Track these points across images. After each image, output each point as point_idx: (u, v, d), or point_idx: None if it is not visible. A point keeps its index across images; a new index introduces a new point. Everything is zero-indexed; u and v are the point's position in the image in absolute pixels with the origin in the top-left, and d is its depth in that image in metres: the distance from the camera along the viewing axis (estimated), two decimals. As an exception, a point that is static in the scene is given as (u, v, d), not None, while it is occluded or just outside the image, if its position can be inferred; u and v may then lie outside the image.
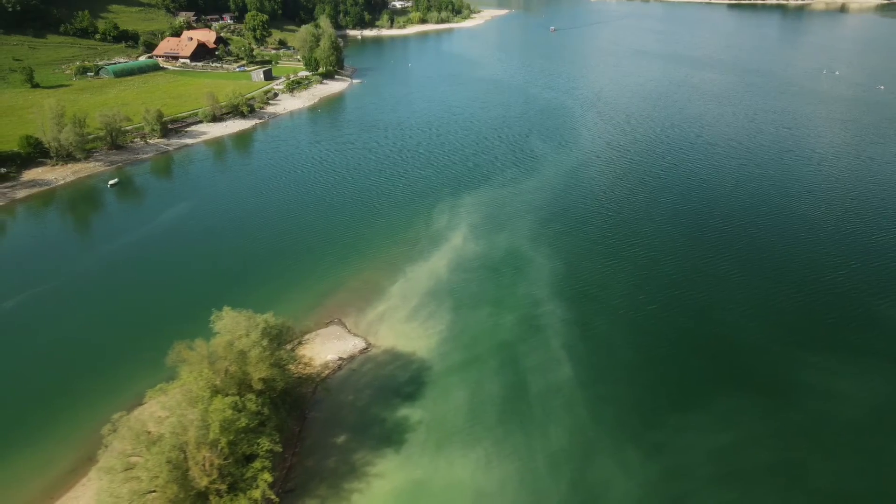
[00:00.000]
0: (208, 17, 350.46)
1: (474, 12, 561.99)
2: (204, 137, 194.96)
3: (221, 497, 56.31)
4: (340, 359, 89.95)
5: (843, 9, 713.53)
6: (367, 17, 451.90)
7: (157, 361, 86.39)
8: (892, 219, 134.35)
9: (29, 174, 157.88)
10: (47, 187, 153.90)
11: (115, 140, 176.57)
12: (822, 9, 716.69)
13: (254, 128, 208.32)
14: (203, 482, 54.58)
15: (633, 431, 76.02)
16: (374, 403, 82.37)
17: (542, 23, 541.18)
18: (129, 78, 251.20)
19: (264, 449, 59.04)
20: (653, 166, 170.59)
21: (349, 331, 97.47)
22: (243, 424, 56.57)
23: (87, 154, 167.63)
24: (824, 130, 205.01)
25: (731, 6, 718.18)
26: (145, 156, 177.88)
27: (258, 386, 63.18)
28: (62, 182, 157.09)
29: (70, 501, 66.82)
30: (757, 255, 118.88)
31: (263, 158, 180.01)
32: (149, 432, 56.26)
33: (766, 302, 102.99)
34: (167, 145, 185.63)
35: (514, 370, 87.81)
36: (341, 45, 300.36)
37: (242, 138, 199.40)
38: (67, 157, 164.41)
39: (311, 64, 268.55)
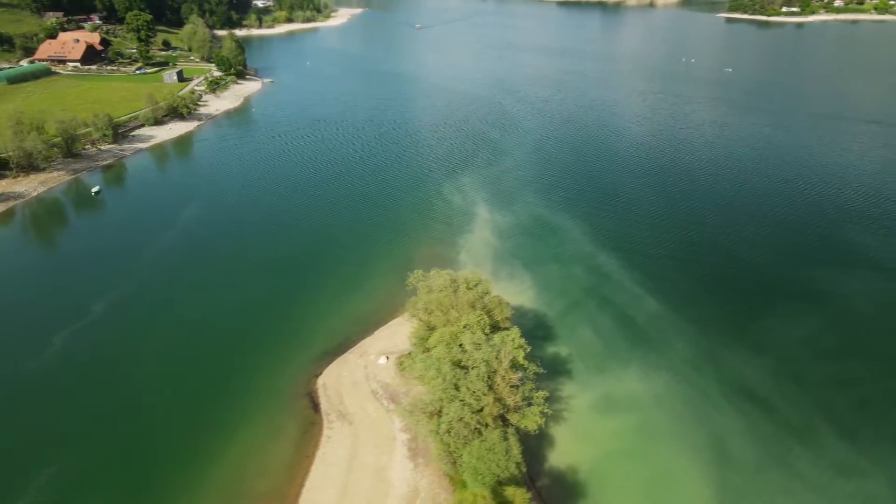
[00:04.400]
0: (77, 18, 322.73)
1: (333, 11, 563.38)
2: (154, 141, 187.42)
3: (516, 412, 66.59)
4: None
5: (651, 4, 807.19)
6: (234, 16, 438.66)
7: (293, 334, 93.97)
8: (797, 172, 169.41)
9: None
10: (22, 200, 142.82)
11: (71, 147, 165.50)
12: (634, 5, 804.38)
13: (199, 129, 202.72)
14: (511, 400, 64.65)
15: (734, 337, 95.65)
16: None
17: (402, 20, 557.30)
18: (24, 84, 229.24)
19: (532, 372, 70.05)
20: (593, 140, 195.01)
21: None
22: (527, 351, 67.25)
23: (47, 163, 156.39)
24: (705, 106, 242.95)
25: (559, 4, 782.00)
26: (105, 162, 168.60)
27: (505, 325, 73.56)
28: (35, 193, 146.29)
29: (328, 455, 72.49)
30: (737, 202, 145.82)
31: (231, 156, 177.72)
32: (459, 365, 64.89)
33: (769, 234, 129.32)
34: (122, 150, 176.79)
35: (613, 307, 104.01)
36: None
37: (194, 139, 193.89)
38: (29, 168, 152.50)
39: (224, 64, 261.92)
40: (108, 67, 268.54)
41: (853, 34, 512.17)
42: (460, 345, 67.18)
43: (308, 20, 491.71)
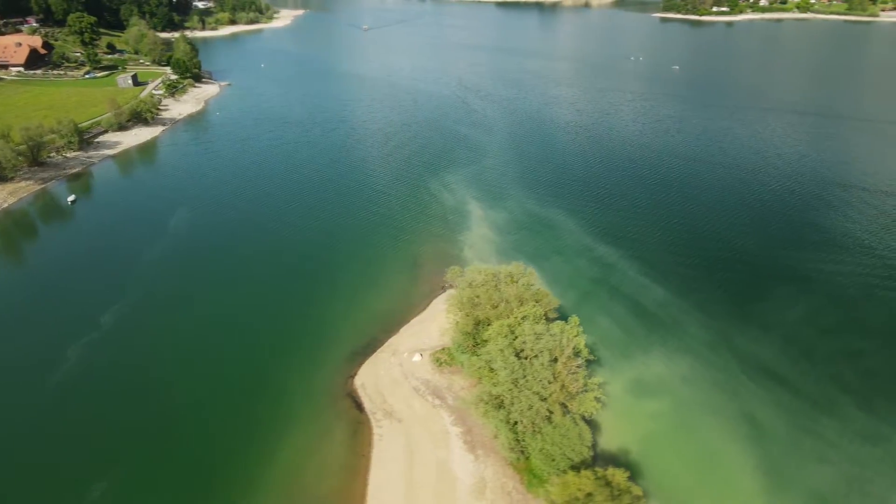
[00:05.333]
0: (13, 21, 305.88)
1: (275, 12, 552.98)
2: (121, 147, 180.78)
3: (574, 398, 68.70)
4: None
5: (586, 5, 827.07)
6: (176, 18, 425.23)
7: (317, 336, 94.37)
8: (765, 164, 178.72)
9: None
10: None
11: (37, 156, 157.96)
12: (570, 5, 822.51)
13: (165, 134, 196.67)
14: (574, 386, 66.70)
15: (740, 318, 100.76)
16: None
17: (347, 21, 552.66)
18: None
19: (584, 359, 72.33)
20: (564, 135, 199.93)
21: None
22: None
23: (14, 172, 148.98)
24: (662, 102, 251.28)
25: (498, 4, 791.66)
26: (73, 170, 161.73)
27: (552, 315, 75.48)
28: (6, 205, 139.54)
29: (384, 453, 72.81)
30: (709, 191, 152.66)
31: (206, 160, 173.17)
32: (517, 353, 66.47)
33: (746, 220, 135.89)
34: (89, 158, 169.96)
35: (622, 296, 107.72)
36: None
37: (163, 144, 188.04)
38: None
39: (180, 67, 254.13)
40: (55, 72, 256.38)
41: (779, 32, 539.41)
42: (516, 337, 68.66)
43: (251, 21, 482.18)
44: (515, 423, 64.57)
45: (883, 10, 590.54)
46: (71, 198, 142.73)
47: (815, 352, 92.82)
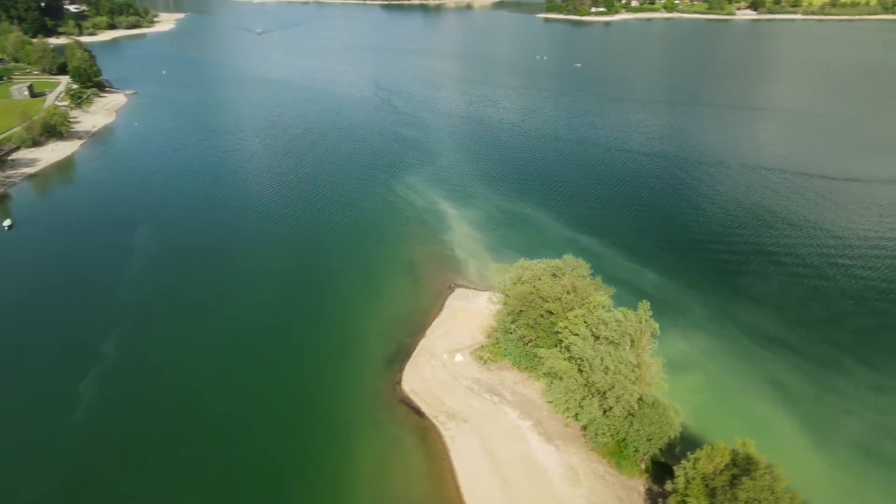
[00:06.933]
0: None
1: (155, 16, 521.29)
2: (41, 165, 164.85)
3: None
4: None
5: (468, 6, 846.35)
6: (48, 22, 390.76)
7: (344, 347, 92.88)
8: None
9: None
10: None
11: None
12: (453, 7, 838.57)
13: (84, 148, 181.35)
14: (653, 368, 69.84)
15: (731, 294, 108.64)
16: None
17: (236, 24, 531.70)
18: None
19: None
20: (500, 133, 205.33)
21: (474, 288, 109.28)
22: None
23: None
24: (576, 98, 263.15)
25: (383, 7, 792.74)
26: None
27: (608, 303, 78.15)
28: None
29: (463, 454, 72.41)
30: (652, 180, 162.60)
31: (141, 173, 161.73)
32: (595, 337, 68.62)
33: (697, 204, 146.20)
34: (8, 178, 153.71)
35: (621, 282, 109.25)
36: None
37: (86, 159, 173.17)
38: None
39: (81, 76, 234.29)
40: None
41: (651, 30, 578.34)
42: (588, 326, 70.80)
43: (133, 26, 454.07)
44: (609, 409, 66.56)
45: (738, 10, 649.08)
46: (7, 223, 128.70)
47: (805, 318, 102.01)
